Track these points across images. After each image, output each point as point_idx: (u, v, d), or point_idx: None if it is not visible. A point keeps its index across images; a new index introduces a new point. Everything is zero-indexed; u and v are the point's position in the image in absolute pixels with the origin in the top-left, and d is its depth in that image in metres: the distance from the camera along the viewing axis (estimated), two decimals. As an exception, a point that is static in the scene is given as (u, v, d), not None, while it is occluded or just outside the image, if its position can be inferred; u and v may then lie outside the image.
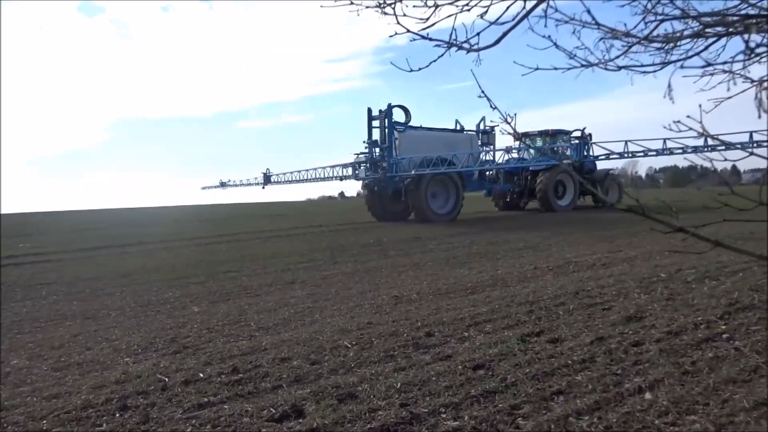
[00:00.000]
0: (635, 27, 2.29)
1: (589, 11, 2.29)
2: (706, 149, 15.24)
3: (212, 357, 5.66)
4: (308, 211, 45.58)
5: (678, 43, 2.33)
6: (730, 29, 2.08)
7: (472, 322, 6.33)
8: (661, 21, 2.28)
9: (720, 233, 11.08)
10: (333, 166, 24.93)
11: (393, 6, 2.42)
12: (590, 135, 25.30)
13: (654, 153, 21.61)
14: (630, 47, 2.38)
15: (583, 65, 2.58)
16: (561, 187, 26.53)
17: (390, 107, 22.98)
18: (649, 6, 2.22)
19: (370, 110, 23.39)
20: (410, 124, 23.60)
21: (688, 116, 2.20)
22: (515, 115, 2.32)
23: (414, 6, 2.45)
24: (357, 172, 24.06)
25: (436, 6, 2.40)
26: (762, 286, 7.14)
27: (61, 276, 12.56)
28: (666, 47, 2.36)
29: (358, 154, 24.07)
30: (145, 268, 13.47)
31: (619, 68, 2.53)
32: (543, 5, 2.33)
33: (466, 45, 2.49)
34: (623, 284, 7.88)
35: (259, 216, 39.92)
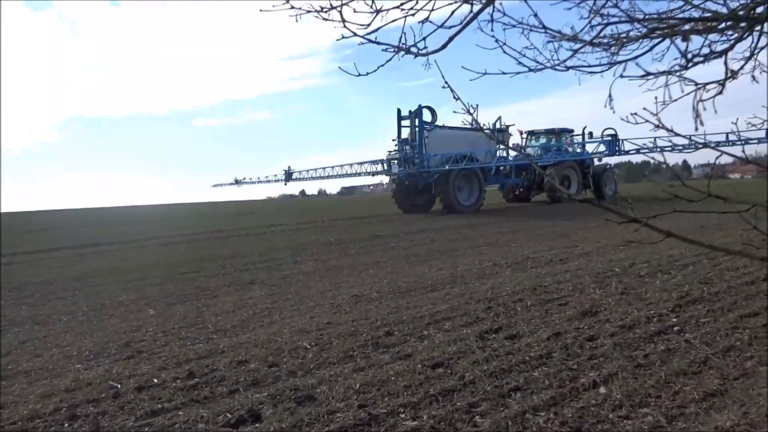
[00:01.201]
0: (582, 30, 2.31)
1: (536, 15, 2.30)
2: (727, 143, 16.40)
3: (167, 361, 5.52)
4: (269, 211, 45.13)
5: (624, 45, 2.35)
6: (675, 30, 2.11)
7: (432, 320, 6.34)
8: (606, 24, 2.30)
9: (672, 226, 11.36)
10: (361, 163, 26.75)
11: (340, 9, 2.37)
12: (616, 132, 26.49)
13: (681, 148, 22.68)
14: (577, 51, 2.40)
15: (530, 69, 2.59)
16: (566, 181, 28.32)
17: (420, 108, 25.18)
18: (595, 7, 2.23)
19: (399, 110, 25.36)
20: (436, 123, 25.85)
21: (644, 108, 2.22)
22: (477, 106, 2.31)
23: (355, 11, 2.41)
24: (389, 167, 26.11)
25: (377, 12, 2.37)
26: (711, 279, 7.36)
27: (10, 280, 12.10)
28: (612, 49, 2.39)
29: (390, 152, 25.96)
30: (99, 270, 13.10)
31: (568, 69, 2.55)
32: (490, 9, 2.32)
33: (414, 49, 2.46)
34: (579, 279, 8.01)
35: (222, 215, 39.36)
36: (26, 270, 13.84)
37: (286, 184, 29.52)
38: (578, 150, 29.12)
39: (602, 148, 26.33)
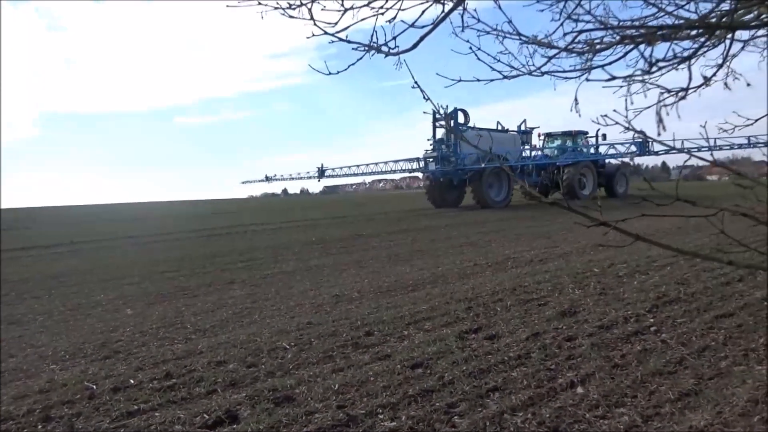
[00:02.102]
0: (554, 32, 2.33)
1: (510, 21, 2.32)
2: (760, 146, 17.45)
3: (144, 362, 5.47)
4: (250, 209, 44.88)
5: (598, 52, 2.38)
6: (647, 37, 2.14)
7: (412, 320, 6.35)
8: (580, 32, 2.32)
9: (649, 227, 11.53)
10: (397, 161, 28.81)
11: (310, 7, 2.36)
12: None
13: (706, 148, 24.69)
14: (552, 57, 2.42)
15: (505, 76, 2.60)
16: (583, 179, 30.07)
17: (456, 110, 26.73)
18: (566, 11, 2.26)
19: (434, 112, 26.51)
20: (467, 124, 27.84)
21: (614, 110, 2.25)
22: (447, 107, 2.33)
23: (323, 10, 2.40)
24: (425, 165, 28.14)
25: (346, 10, 2.37)
26: (688, 280, 7.47)
27: (-15, 279, 11.90)
28: (586, 55, 2.41)
29: (426, 150, 28.10)
30: (76, 269, 12.93)
31: (543, 74, 2.57)
32: (460, 10, 2.33)
33: (384, 48, 2.46)
34: (558, 280, 8.08)
35: (204, 214, 39.08)
36: (1, 269, 13.62)
37: (319, 180, 31.50)
38: (599, 150, 31.04)
39: (633, 148, 27.68)
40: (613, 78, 2.26)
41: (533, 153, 31.32)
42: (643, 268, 8.41)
